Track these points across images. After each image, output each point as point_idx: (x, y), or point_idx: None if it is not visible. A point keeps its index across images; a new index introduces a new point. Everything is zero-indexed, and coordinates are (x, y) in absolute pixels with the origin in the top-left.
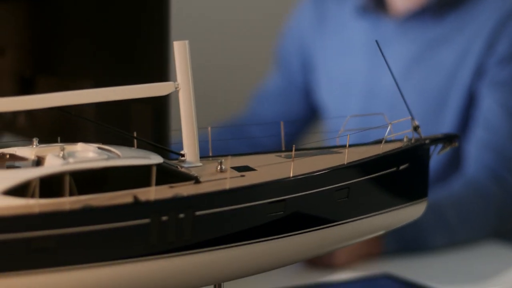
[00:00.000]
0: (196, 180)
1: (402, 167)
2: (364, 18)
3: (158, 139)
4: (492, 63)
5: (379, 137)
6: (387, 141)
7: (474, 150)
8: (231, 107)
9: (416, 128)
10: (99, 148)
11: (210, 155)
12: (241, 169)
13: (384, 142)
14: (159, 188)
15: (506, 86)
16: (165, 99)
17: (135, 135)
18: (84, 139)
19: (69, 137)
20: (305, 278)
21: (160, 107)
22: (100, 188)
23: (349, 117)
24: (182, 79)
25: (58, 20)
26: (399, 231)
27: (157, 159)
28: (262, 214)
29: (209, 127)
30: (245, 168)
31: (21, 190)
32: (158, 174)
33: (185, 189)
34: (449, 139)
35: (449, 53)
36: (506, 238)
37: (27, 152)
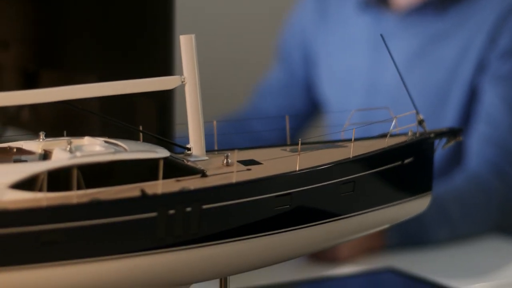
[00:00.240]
0: (203, 174)
1: (407, 161)
2: (366, 12)
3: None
4: (494, 58)
5: (382, 131)
6: (391, 135)
7: (476, 145)
8: (232, 101)
9: (421, 122)
10: (106, 142)
11: (215, 149)
12: (247, 163)
13: (389, 136)
14: (166, 181)
15: (508, 80)
16: (169, 93)
17: (140, 129)
18: (88, 133)
19: (73, 131)
20: (308, 272)
21: (164, 101)
22: (107, 182)
23: (354, 111)
24: (188, 73)
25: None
26: (402, 225)
27: (163, 152)
28: (269, 208)
29: (214, 121)
30: (251, 162)
31: (29, 184)
32: (165, 168)
33: (192, 183)
34: (454, 133)
35: (451, 47)
36: (508, 232)
37: (34, 146)
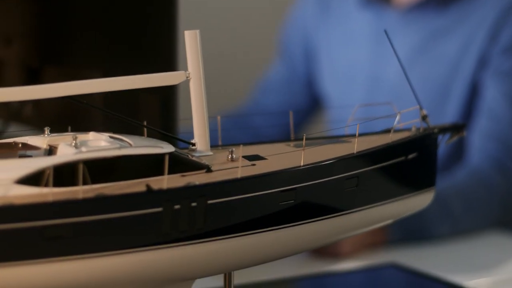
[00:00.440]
0: (208, 169)
1: (411, 156)
2: (368, 8)
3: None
4: (495, 53)
5: (385, 126)
6: (395, 131)
7: (477, 140)
8: (234, 97)
9: (424, 117)
10: (111, 137)
11: (219, 144)
12: (251, 158)
13: (393, 131)
14: (171, 177)
15: (510, 76)
16: (172, 89)
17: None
18: (90, 128)
19: (75, 126)
20: (310, 268)
21: (167, 97)
22: (112, 177)
23: (358, 106)
24: (193, 69)
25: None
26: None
27: (169, 148)
28: (274, 203)
29: (218, 117)
30: (256, 157)
31: (35, 179)
32: (170, 163)
33: (197, 178)
34: (457, 128)
35: (452, 43)
36: (510, 227)
37: (39, 141)
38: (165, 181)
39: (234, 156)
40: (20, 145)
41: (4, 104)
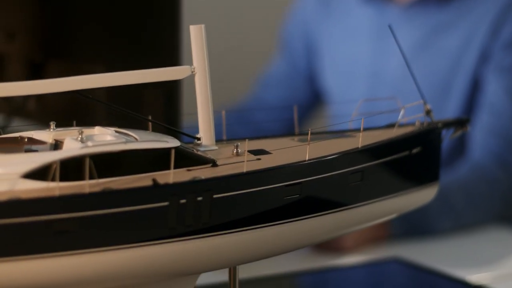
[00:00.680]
0: (214, 164)
1: (415, 151)
2: (369, 4)
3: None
4: (496, 49)
5: (388, 121)
6: (399, 125)
7: (479, 135)
8: (235, 92)
9: (428, 112)
10: (117, 131)
11: (224, 138)
12: (256, 152)
13: (397, 126)
14: (177, 171)
15: (511, 71)
16: (176, 83)
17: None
18: (94, 123)
19: (79, 120)
20: (313, 262)
21: (171, 92)
22: (119, 171)
23: (362, 101)
24: (198, 63)
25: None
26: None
27: (174, 142)
28: (279, 197)
29: (223, 111)
30: (261, 152)
31: (42, 173)
32: (176, 157)
33: (203, 172)
34: (461, 123)
35: (454, 38)
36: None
37: (45, 135)
38: (171, 176)
39: (239, 150)
40: (26, 140)
41: (5, 98)
